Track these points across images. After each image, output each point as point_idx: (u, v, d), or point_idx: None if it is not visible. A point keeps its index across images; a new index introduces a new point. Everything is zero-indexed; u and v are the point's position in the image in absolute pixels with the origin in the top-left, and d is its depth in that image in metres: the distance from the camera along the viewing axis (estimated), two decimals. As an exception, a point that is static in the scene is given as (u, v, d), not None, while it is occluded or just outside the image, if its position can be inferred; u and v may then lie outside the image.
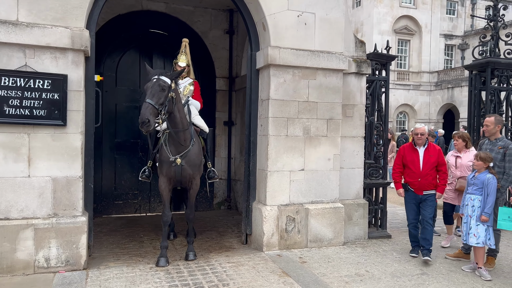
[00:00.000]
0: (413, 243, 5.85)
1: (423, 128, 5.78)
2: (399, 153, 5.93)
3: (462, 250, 5.70)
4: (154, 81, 4.80)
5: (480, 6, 31.53)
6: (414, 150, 5.75)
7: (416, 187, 5.65)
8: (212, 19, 8.63)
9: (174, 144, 5.23)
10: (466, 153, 6.33)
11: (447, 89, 29.14)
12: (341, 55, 6.07)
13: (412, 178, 5.69)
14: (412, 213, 5.81)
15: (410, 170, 5.70)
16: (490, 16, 7.75)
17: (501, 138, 5.48)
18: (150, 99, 4.66)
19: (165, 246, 5.30)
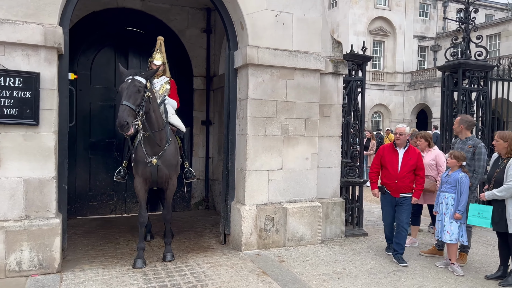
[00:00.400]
0: (389, 241, 5.84)
1: (403, 128, 5.55)
2: (378, 153, 5.81)
3: (436, 247, 5.84)
4: (130, 82, 4.70)
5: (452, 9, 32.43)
6: (394, 151, 5.59)
7: (393, 189, 5.50)
8: (189, 17, 8.55)
9: (150, 144, 5.15)
10: (429, 152, 6.39)
11: (420, 90, 29.82)
12: (318, 55, 6.12)
13: (389, 180, 5.54)
14: (388, 217, 5.69)
15: (388, 171, 5.55)
16: (461, 18, 7.96)
17: (472, 137, 5.65)
18: (127, 101, 4.57)
19: (142, 247, 5.21)
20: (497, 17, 33.09)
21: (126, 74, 4.85)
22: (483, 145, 5.60)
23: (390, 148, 5.68)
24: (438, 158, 6.31)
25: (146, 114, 4.92)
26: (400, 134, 5.50)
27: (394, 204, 5.58)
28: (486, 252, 6.05)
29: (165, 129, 5.30)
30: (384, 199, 5.69)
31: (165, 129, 5.30)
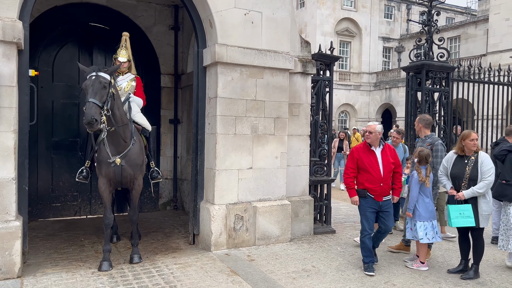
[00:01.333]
0: (368, 258, 5.10)
1: (373, 126, 5.13)
2: (352, 155, 5.20)
3: (403, 243, 5.98)
4: (94, 79, 4.58)
5: (415, 11, 33.48)
6: (370, 151, 5.11)
7: (378, 193, 5.04)
8: (156, 14, 8.40)
9: (113, 143, 5.01)
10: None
11: (385, 90, 30.60)
12: (287, 54, 6.15)
13: (372, 184, 5.02)
14: (370, 223, 5.12)
15: (370, 175, 5.03)
16: (424, 21, 8.22)
17: (430, 135, 5.86)
18: (93, 98, 4.45)
19: (108, 249, 5.07)
20: (457, 20, 34.43)
21: (88, 71, 4.71)
22: (440, 142, 5.79)
23: (364, 148, 5.16)
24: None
25: (111, 111, 4.80)
26: (369, 132, 5.11)
27: (377, 208, 5.11)
28: (448, 247, 6.27)
29: (129, 127, 5.17)
30: (366, 204, 5.11)
31: (129, 126, 5.18)
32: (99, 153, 5.13)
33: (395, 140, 7.05)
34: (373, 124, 5.22)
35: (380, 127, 5.16)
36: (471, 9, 36.75)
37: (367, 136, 5.15)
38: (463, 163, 5.03)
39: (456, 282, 4.86)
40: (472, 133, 5.02)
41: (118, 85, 5.72)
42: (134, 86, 5.92)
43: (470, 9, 36.94)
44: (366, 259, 5.11)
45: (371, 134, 5.10)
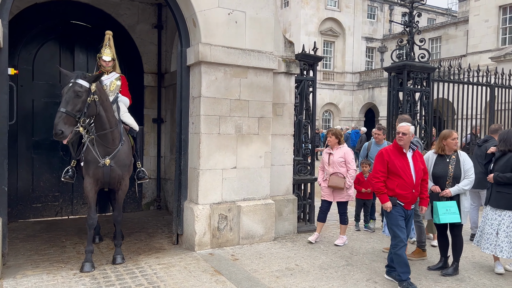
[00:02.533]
0: (406, 274, 4.55)
1: (407, 127, 4.66)
2: (381, 157, 4.71)
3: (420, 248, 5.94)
4: (70, 86, 4.49)
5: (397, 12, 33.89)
6: (402, 154, 4.67)
7: (408, 200, 4.63)
8: (139, 12, 8.32)
9: (102, 144, 4.97)
10: (338, 149, 6.28)
11: (368, 89, 30.93)
12: (271, 54, 6.17)
13: (404, 190, 4.59)
14: (404, 232, 4.64)
15: (402, 180, 4.58)
16: (406, 22, 8.34)
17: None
18: (64, 107, 4.36)
19: (90, 250, 5.02)
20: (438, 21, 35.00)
21: (69, 76, 4.62)
22: (416, 139, 5.89)
23: (396, 151, 4.69)
24: (347, 155, 6.24)
25: (95, 117, 4.73)
26: (403, 134, 4.63)
27: (404, 217, 4.69)
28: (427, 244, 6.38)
29: (118, 128, 5.13)
30: (397, 212, 4.62)
31: (118, 128, 5.14)
32: (86, 154, 5.07)
33: (377, 137, 7.01)
34: (406, 125, 4.71)
35: (413, 128, 4.78)
36: (452, 10, 37.44)
37: (399, 138, 4.64)
38: (445, 162, 5.13)
39: (436, 278, 4.96)
40: (453, 132, 5.11)
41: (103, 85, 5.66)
42: (119, 85, 5.87)
43: (451, 10, 37.63)
44: (404, 275, 4.51)
45: (405, 135, 4.62)
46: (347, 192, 6.26)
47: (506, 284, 4.84)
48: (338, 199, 6.31)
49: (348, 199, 6.36)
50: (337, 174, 6.18)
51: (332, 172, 6.21)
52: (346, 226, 6.40)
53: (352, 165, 6.24)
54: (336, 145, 6.32)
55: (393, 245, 4.65)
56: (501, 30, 23.15)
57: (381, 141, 7.02)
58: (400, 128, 4.67)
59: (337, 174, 6.18)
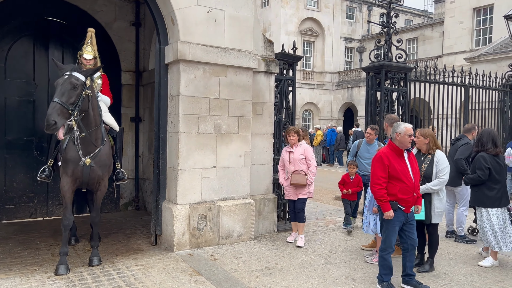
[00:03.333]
0: (388, 276, 4.54)
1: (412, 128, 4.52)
2: (381, 161, 4.44)
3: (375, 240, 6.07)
4: (66, 78, 4.40)
5: (375, 13, 34.37)
6: (401, 157, 4.48)
7: (409, 204, 4.47)
8: (116, 9, 8.17)
9: (85, 143, 4.85)
10: (298, 147, 6.21)
11: (347, 89, 31.26)
12: (251, 53, 6.16)
13: (406, 194, 4.41)
14: (395, 237, 4.52)
15: (404, 184, 4.40)
16: (384, 22, 8.45)
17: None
18: (59, 98, 4.25)
19: (65, 252, 4.89)
20: (415, 22, 35.66)
21: (64, 69, 4.52)
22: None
23: (394, 154, 4.48)
24: (307, 152, 6.21)
25: (84, 113, 4.64)
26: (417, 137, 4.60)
27: (403, 222, 4.51)
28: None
29: (101, 128, 5.04)
30: (396, 218, 4.44)
31: (101, 127, 5.04)
32: (66, 152, 4.94)
33: (369, 136, 6.88)
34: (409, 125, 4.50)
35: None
36: (428, 12, 38.21)
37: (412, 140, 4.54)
38: (419, 160, 5.22)
39: (413, 275, 5.04)
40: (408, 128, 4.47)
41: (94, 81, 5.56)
42: (101, 84, 5.76)
43: (427, 11, 38.40)
44: (386, 277, 4.52)
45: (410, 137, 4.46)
46: (308, 189, 6.20)
47: (480, 280, 4.96)
48: (300, 196, 6.21)
49: (309, 196, 6.27)
50: (298, 172, 6.12)
51: (294, 170, 6.14)
52: (304, 224, 6.32)
53: (313, 162, 6.21)
54: (296, 143, 6.24)
55: (382, 248, 4.54)
56: (475, 31, 23.76)
57: (372, 140, 6.94)
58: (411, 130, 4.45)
59: (298, 172, 6.12)
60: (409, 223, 4.52)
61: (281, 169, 6.40)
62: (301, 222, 6.26)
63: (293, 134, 6.21)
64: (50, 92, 7.45)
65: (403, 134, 4.41)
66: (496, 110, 10.36)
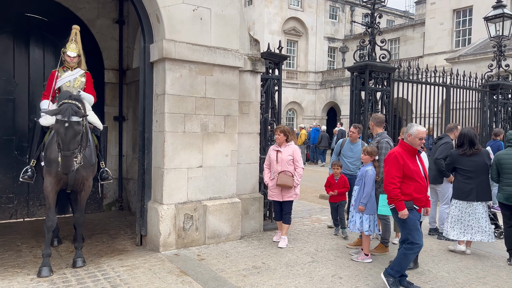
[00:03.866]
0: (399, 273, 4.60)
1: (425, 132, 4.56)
2: (396, 160, 4.46)
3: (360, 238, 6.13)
4: (67, 126, 4.45)
5: (358, 13, 34.71)
6: (413, 156, 4.53)
7: (423, 203, 4.53)
8: (99, 6, 8.04)
9: None
10: (286, 147, 6.11)
11: (330, 88, 31.49)
12: (237, 52, 6.13)
13: (420, 194, 4.47)
14: (419, 233, 4.54)
15: (418, 184, 4.45)
16: (368, 23, 8.53)
17: (381, 133, 6.03)
18: (67, 150, 4.47)
19: (48, 253, 4.79)
20: (396, 23, 36.17)
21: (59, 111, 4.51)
22: (387, 140, 6.02)
23: (408, 154, 4.50)
24: (295, 153, 6.12)
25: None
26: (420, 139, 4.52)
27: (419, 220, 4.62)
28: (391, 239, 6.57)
29: (86, 127, 4.95)
30: (414, 217, 4.49)
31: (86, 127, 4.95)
32: (50, 152, 4.84)
33: (352, 135, 6.81)
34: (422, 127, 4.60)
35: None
36: (409, 12, 38.80)
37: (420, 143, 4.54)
38: None
39: (398, 272, 5.11)
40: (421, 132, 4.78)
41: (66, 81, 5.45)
42: (84, 82, 5.65)
43: (408, 12, 38.99)
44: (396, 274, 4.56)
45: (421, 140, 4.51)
46: (294, 191, 6.10)
47: (463, 276, 5.06)
48: (286, 198, 6.10)
49: (295, 198, 6.19)
50: (285, 173, 5.98)
51: (281, 170, 6.00)
52: (288, 226, 6.26)
53: (300, 164, 6.11)
54: (284, 142, 6.12)
55: (408, 247, 4.47)
56: (455, 32, 24.24)
57: (356, 139, 6.86)
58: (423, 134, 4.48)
59: (285, 173, 5.98)
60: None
61: (266, 168, 6.26)
62: (287, 224, 6.23)
63: (279, 132, 6.09)
64: (31, 90, 7.30)
65: (414, 136, 4.46)
66: (476, 109, 10.58)
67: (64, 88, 5.55)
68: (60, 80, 5.56)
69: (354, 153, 6.84)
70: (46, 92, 5.62)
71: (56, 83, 5.55)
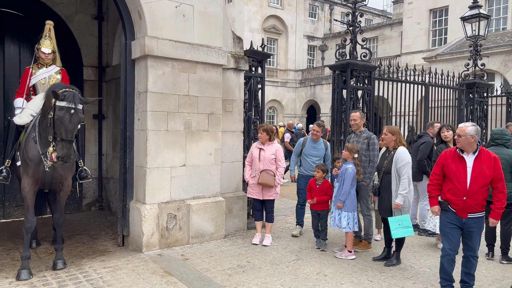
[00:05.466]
0: (444, 281, 4.40)
1: (464, 128, 4.18)
2: (439, 160, 4.43)
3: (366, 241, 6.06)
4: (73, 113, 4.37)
5: (337, 12, 35.03)
6: (460, 158, 4.25)
7: (460, 207, 4.21)
8: (77, 2, 7.85)
9: (47, 141, 4.62)
10: (269, 146, 6.06)
11: (310, 87, 31.71)
12: (220, 50, 6.08)
13: (454, 196, 4.22)
14: (451, 241, 4.30)
15: (453, 185, 4.23)
16: (349, 21, 8.60)
17: (364, 130, 6.11)
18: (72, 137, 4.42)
19: (27, 256, 4.66)
20: (374, 22, 36.64)
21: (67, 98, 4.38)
22: (375, 136, 6.10)
23: (454, 154, 4.30)
24: (278, 152, 6.07)
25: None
26: (458, 136, 4.21)
27: (460, 225, 4.28)
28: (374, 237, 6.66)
29: None
30: (446, 219, 4.33)
31: None
32: (27, 151, 4.71)
33: (315, 133, 6.60)
34: (464, 125, 4.24)
35: (473, 129, 4.16)
36: (387, 12, 39.37)
37: (456, 139, 4.29)
38: (385, 156, 5.41)
39: (381, 269, 5.18)
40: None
41: (41, 78, 5.32)
42: (60, 79, 5.53)
43: (386, 12, 39.55)
44: (442, 281, 4.42)
45: (460, 137, 4.20)
46: (275, 190, 6.06)
47: (444, 271, 5.16)
48: (266, 197, 6.06)
49: (276, 197, 6.15)
50: (267, 172, 5.93)
51: (263, 169, 5.95)
52: (272, 224, 6.26)
53: (282, 163, 6.08)
54: (267, 141, 6.07)
55: (441, 249, 4.46)
56: (432, 32, 24.71)
57: (318, 138, 6.67)
58: (457, 130, 4.27)
59: (267, 172, 5.93)
60: (467, 230, 4.26)
61: (248, 165, 6.17)
62: (270, 222, 6.22)
63: (262, 131, 6.05)
64: (6, 88, 7.07)
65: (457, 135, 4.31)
66: (453, 108, 10.82)
67: (39, 85, 5.41)
68: (35, 77, 5.42)
69: (318, 151, 6.61)
70: (20, 90, 5.47)
71: (31, 81, 5.41)
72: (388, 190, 5.26)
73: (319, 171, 6.02)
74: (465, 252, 4.38)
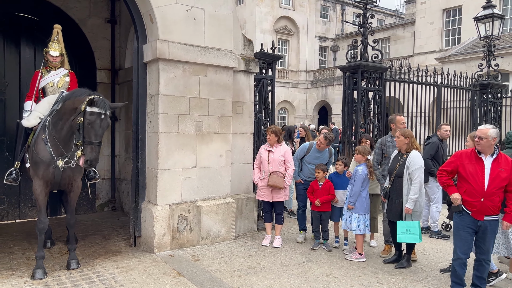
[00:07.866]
0: (456, 285, 4.36)
1: (486, 130, 4.17)
2: (455, 159, 4.40)
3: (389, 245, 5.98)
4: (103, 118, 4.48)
5: (349, 12, 34.88)
6: (478, 159, 4.22)
7: (476, 209, 4.17)
8: (91, 6, 7.98)
9: (54, 143, 4.72)
10: (278, 148, 6.06)
11: (321, 88, 31.63)
12: (230, 52, 6.13)
13: (471, 197, 4.18)
14: (464, 245, 4.27)
15: (470, 186, 4.18)
16: (360, 23, 8.57)
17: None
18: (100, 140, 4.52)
19: (41, 256, 4.76)
20: (387, 22, 36.39)
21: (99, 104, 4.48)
22: (379, 140, 6.07)
23: (471, 155, 4.28)
24: (287, 154, 6.06)
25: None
26: (480, 138, 4.17)
27: (475, 228, 4.23)
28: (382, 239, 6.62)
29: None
30: (461, 222, 4.27)
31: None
32: (37, 153, 4.81)
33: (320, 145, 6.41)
34: (485, 127, 4.23)
35: (494, 131, 4.17)
36: (400, 12, 39.05)
37: (477, 142, 4.24)
38: (397, 159, 5.35)
39: (392, 271, 5.16)
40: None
41: (50, 81, 5.43)
42: (68, 81, 5.63)
43: (399, 12, 39.23)
44: (453, 285, 4.37)
45: (482, 140, 4.15)
46: (284, 192, 6.06)
47: (455, 274, 5.12)
48: (276, 199, 6.06)
49: (285, 199, 6.17)
50: (277, 173, 5.92)
51: (272, 170, 5.95)
52: (282, 226, 6.26)
53: (291, 165, 6.07)
54: (276, 143, 6.07)
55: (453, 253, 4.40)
56: (445, 32, 24.46)
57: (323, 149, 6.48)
58: (478, 132, 4.26)
59: (277, 173, 5.92)
60: (483, 231, 4.22)
61: (257, 167, 6.17)
62: (280, 224, 6.23)
63: (270, 133, 6.05)
64: (22, 90, 7.22)
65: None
66: (466, 109, 10.70)
67: (48, 88, 5.53)
68: (44, 80, 5.54)
69: (321, 160, 6.43)
70: (30, 93, 5.60)
71: (40, 83, 5.53)
72: (399, 194, 5.22)
73: (320, 172, 6.04)
74: (477, 256, 4.34)
